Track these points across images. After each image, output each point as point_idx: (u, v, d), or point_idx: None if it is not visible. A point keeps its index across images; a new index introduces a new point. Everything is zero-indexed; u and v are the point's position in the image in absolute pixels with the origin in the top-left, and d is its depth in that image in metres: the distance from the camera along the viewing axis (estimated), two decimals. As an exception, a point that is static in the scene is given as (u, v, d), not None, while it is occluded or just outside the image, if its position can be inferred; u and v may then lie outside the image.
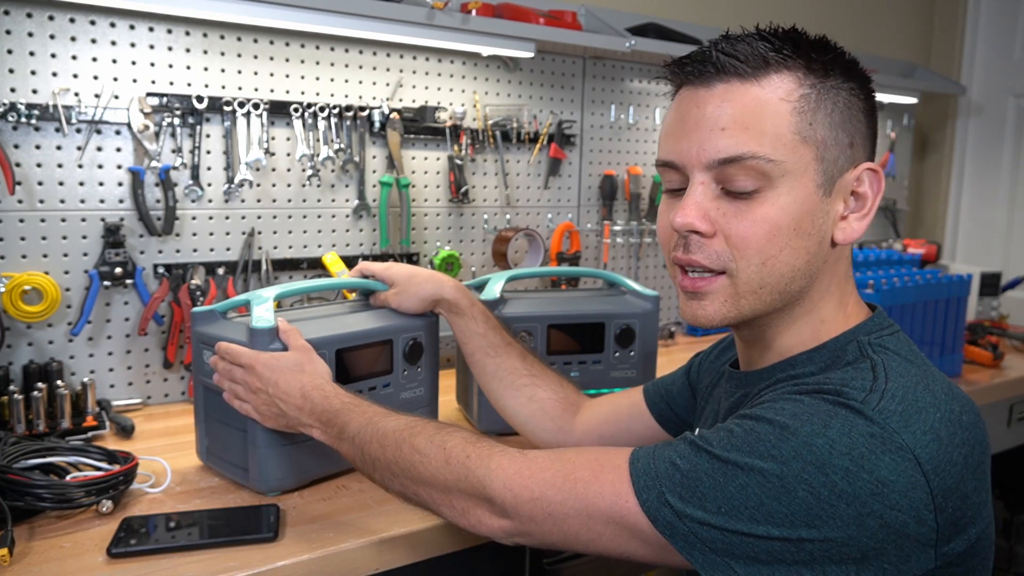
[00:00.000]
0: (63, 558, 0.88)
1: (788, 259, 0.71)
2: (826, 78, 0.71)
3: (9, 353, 1.33)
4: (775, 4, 2.39)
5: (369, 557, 0.94)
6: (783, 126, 0.69)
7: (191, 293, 1.46)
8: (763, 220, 0.70)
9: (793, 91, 0.70)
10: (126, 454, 1.06)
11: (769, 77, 0.70)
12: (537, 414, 1.11)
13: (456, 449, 0.80)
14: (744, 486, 0.63)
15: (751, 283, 0.72)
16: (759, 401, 0.72)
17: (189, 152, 1.46)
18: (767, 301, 0.73)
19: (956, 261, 2.88)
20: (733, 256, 0.72)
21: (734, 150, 0.69)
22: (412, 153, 1.73)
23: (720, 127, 0.70)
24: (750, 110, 0.69)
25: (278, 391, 0.96)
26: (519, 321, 1.29)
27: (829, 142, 0.71)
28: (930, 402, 0.66)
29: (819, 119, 0.70)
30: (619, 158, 2.07)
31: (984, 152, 2.85)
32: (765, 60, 0.70)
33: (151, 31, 1.40)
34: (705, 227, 0.71)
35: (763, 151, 0.69)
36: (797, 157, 0.70)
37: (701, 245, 0.72)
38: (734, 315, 0.74)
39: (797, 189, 0.70)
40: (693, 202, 0.72)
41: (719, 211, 0.72)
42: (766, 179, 0.69)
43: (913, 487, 0.61)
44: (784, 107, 0.69)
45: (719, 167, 0.70)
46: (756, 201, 0.70)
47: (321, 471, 1.10)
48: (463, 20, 1.53)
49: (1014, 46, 2.76)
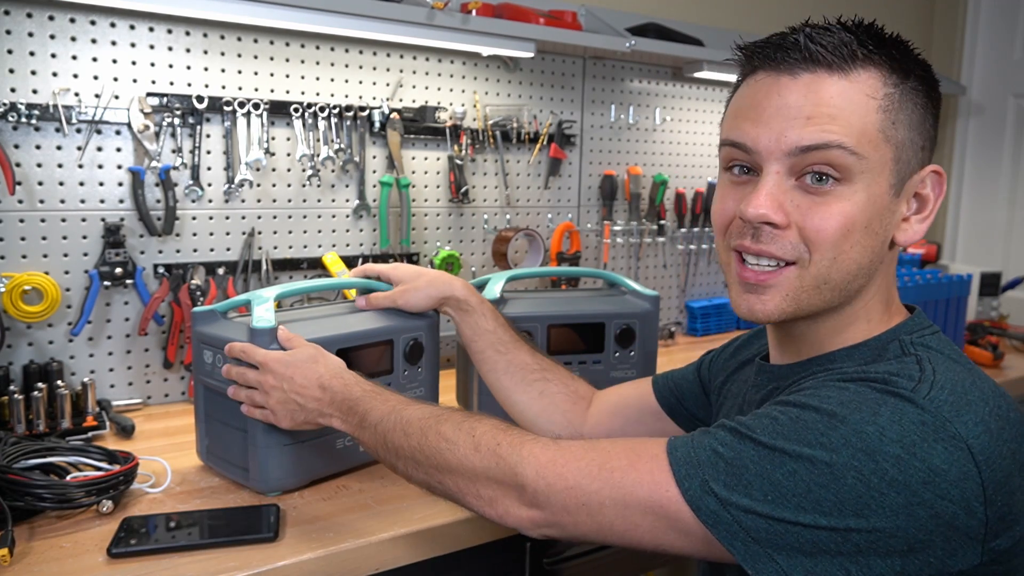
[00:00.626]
0: (63, 558, 0.88)
1: (857, 256, 0.71)
2: (906, 79, 0.71)
3: (9, 353, 1.33)
4: (775, 4, 2.39)
5: (369, 557, 0.94)
6: (870, 122, 0.69)
7: (191, 293, 1.46)
8: (840, 214, 0.69)
9: (879, 88, 0.69)
10: (126, 454, 1.06)
11: (856, 71, 0.69)
12: (548, 408, 1.11)
13: (486, 436, 0.77)
14: (792, 473, 0.61)
15: (819, 277, 0.71)
16: (799, 387, 0.71)
17: (189, 152, 1.46)
18: (827, 298, 0.73)
19: (956, 261, 2.88)
20: (808, 248, 0.70)
21: (820, 138, 0.68)
22: (412, 153, 1.73)
23: (805, 115, 0.69)
24: (837, 103, 0.68)
25: (294, 385, 0.96)
26: (519, 321, 1.29)
27: (906, 143, 0.71)
28: (979, 396, 0.65)
29: (901, 119, 0.70)
30: (619, 158, 2.07)
31: (984, 152, 2.85)
32: (853, 54, 0.69)
33: (151, 31, 1.40)
34: (780, 218, 0.70)
35: (850, 142, 0.68)
36: (879, 155, 0.69)
37: (774, 237, 0.71)
38: (792, 310, 0.73)
39: (873, 187, 0.70)
40: (767, 192, 0.70)
41: (793, 203, 0.70)
42: (846, 172, 0.69)
43: (965, 477, 0.60)
44: (871, 104, 0.69)
45: (799, 155, 0.69)
46: (833, 195, 0.69)
47: (322, 471, 1.10)
48: (463, 20, 1.53)
49: (1014, 46, 2.76)
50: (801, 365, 0.78)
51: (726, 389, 0.94)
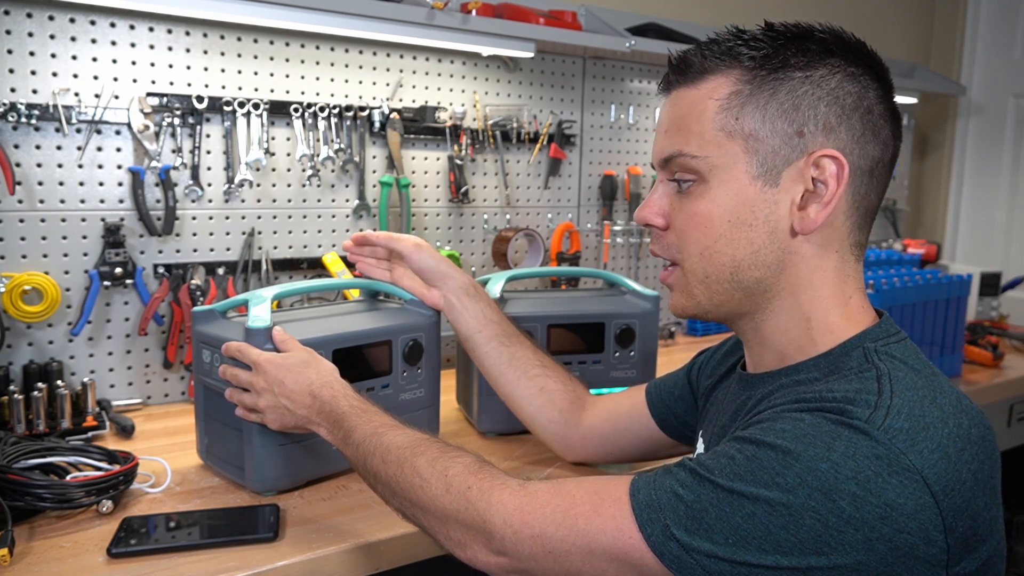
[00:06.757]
0: (63, 558, 0.88)
1: (726, 249, 0.74)
2: (777, 70, 0.71)
3: (9, 353, 1.33)
4: (775, 4, 2.39)
5: (369, 557, 0.94)
6: (707, 123, 0.73)
7: (191, 293, 1.46)
8: (695, 212, 0.75)
9: (723, 90, 0.73)
10: (126, 454, 1.06)
11: (705, 80, 0.74)
12: (547, 405, 1.12)
13: (458, 478, 0.77)
14: (751, 516, 0.62)
15: (696, 273, 0.76)
16: (758, 417, 0.71)
17: (189, 152, 1.46)
18: (722, 291, 0.76)
19: (956, 261, 2.88)
20: (680, 247, 0.77)
21: (669, 149, 0.76)
22: (412, 153, 1.73)
23: (663, 129, 0.77)
24: (682, 112, 0.75)
25: (284, 390, 0.96)
26: (519, 321, 1.29)
27: (762, 134, 0.71)
28: (938, 417, 0.64)
29: (747, 112, 0.72)
30: (619, 158, 2.07)
31: (984, 152, 2.85)
32: (703, 67, 0.75)
33: (151, 31, 1.40)
34: (659, 221, 0.79)
35: (688, 149, 0.74)
36: (723, 152, 0.73)
37: (658, 238, 0.81)
38: (692, 305, 0.79)
39: (729, 181, 0.73)
40: (652, 199, 0.79)
41: (674, 206, 0.78)
42: (698, 174, 0.74)
43: (922, 509, 0.60)
44: (711, 105, 0.73)
45: (665, 166, 0.77)
46: (693, 195, 0.75)
47: (318, 472, 1.10)
48: (463, 20, 1.53)
49: (1014, 46, 2.76)
50: (770, 376, 0.78)
51: (714, 396, 0.94)
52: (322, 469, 1.10)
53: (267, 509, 0.99)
